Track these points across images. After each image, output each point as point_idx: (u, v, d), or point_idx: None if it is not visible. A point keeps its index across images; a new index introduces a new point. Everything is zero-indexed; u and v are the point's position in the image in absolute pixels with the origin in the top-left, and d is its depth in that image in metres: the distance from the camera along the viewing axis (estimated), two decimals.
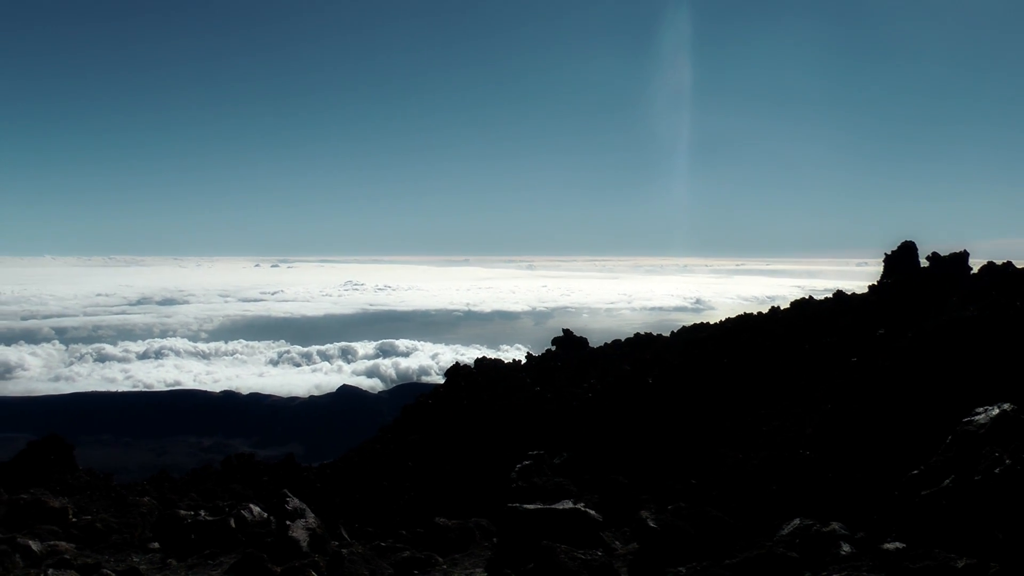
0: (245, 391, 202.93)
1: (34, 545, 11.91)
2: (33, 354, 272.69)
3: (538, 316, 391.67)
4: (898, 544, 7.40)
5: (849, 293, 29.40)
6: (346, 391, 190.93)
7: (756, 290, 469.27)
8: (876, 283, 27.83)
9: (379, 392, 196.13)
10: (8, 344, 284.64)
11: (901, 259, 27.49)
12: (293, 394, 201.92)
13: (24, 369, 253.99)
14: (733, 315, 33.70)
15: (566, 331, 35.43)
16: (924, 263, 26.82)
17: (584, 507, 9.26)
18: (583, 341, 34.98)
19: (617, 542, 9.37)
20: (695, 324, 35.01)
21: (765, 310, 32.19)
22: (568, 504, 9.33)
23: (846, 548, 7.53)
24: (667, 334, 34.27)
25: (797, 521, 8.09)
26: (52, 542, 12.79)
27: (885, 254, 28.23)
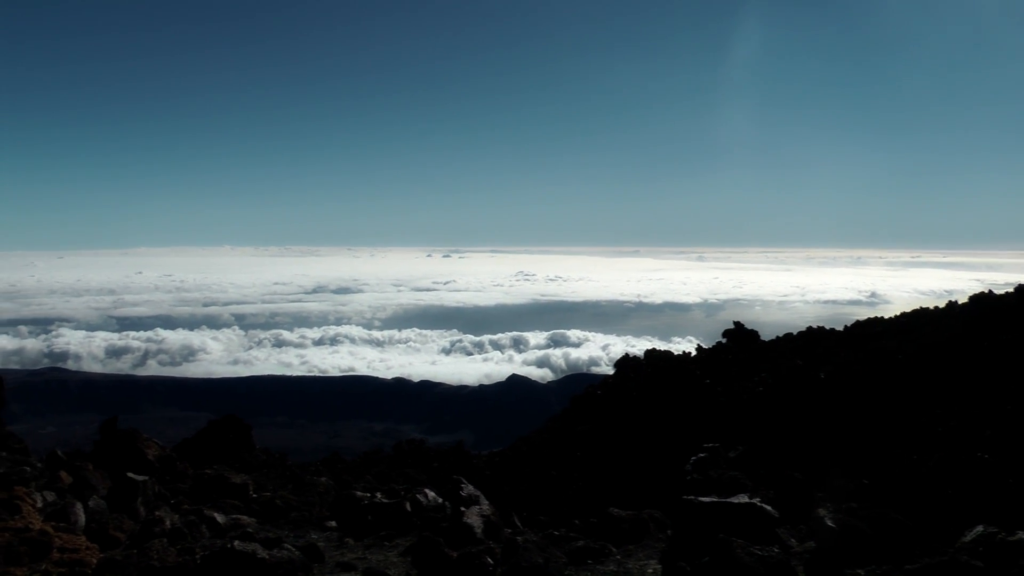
0: (416, 378, 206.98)
1: (219, 518, 12.67)
2: (214, 338, 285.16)
3: (709, 308, 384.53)
4: None
5: None
6: (515, 380, 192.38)
7: (933, 283, 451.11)
8: None
9: (548, 382, 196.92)
10: (191, 329, 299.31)
11: None
12: (463, 382, 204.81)
13: (206, 352, 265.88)
14: (909, 309, 32.76)
15: (737, 324, 35.01)
16: None
17: (760, 502, 9.14)
18: (754, 334, 34.51)
19: (793, 539, 9.27)
20: (869, 318, 34.15)
21: (942, 304, 31.19)
22: (744, 498, 9.21)
23: None
24: (840, 328, 33.55)
25: (980, 528, 7.67)
26: (235, 516, 13.58)
27: None
